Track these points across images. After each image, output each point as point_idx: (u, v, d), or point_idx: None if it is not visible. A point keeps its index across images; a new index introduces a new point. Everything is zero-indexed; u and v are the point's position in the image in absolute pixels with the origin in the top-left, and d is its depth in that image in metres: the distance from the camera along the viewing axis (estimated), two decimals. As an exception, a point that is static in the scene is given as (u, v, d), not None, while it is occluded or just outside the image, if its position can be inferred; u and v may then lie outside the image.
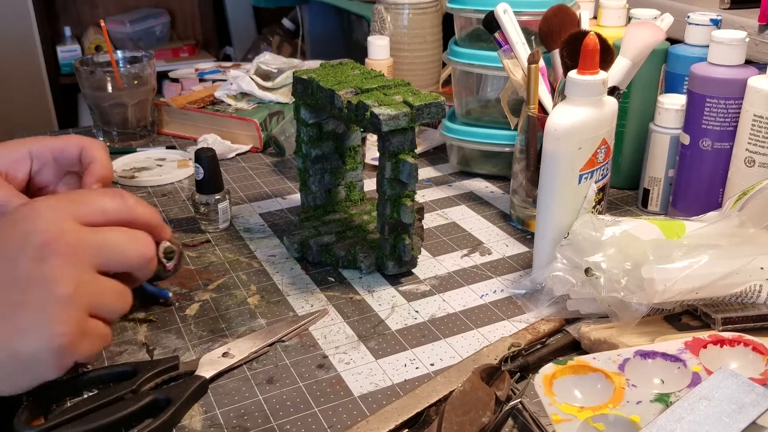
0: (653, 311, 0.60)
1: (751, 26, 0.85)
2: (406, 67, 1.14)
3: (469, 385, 0.52)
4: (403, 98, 0.67)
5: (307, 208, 0.81)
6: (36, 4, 2.32)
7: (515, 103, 0.88)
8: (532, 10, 0.84)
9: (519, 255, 0.76)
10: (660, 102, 0.79)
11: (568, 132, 0.63)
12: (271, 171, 0.99)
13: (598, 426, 0.47)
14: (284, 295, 0.69)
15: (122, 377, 0.56)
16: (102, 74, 1.06)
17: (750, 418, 0.45)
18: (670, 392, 0.50)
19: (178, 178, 0.96)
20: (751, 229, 0.60)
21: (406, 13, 1.12)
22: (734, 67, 0.72)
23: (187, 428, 0.53)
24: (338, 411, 0.55)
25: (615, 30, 0.87)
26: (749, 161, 0.71)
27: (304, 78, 0.74)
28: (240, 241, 0.80)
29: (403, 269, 0.72)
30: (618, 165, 0.87)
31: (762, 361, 0.52)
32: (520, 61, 0.79)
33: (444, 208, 0.87)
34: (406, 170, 0.66)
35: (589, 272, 0.58)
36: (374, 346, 0.62)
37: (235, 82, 1.12)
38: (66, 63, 2.46)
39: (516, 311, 0.66)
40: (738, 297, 0.58)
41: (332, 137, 0.78)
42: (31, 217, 0.50)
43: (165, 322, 0.65)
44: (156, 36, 2.67)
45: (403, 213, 0.68)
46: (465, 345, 0.62)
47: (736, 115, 0.72)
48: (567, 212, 0.66)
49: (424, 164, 1.00)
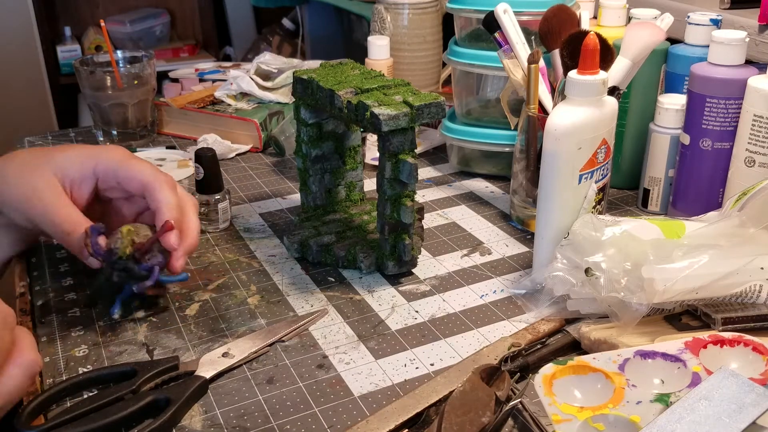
0: (653, 311, 0.60)
1: (751, 26, 0.85)
2: (406, 67, 1.14)
3: (469, 385, 0.52)
4: (403, 98, 0.67)
5: (307, 208, 0.81)
6: (36, 4, 2.32)
7: (515, 103, 0.88)
8: (532, 10, 0.84)
9: (519, 255, 0.76)
10: (660, 102, 0.79)
11: (568, 132, 0.63)
12: (271, 171, 0.99)
13: (598, 426, 0.47)
14: (284, 295, 0.69)
15: (122, 377, 0.56)
16: (102, 74, 1.06)
17: (750, 418, 0.45)
18: (670, 392, 0.50)
19: (178, 178, 0.96)
20: (751, 229, 0.60)
21: (406, 13, 1.12)
22: (734, 67, 0.72)
23: (187, 428, 0.53)
24: (338, 411, 0.55)
25: (615, 30, 0.87)
26: (749, 161, 0.71)
27: (304, 78, 0.74)
28: (240, 241, 0.80)
29: (403, 269, 0.72)
30: (618, 165, 0.87)
31: (762, 361, 0.52)
32: (520, 61, 0.79)
33: (444, 208, 0.87)
34: (406, 170, 0.66)
35: (589, 272, 0.58)
36: (374, 346, 0.62)
37: (235, 82, 1.12)
38: (66, 63, 2.46)
39: (516, 311, 0.66)
40: (738, 297, 0.58)
41: (332, 137, 0.78)
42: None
43: (165, 322, 0.65)
44: (156, 36, 2.67)
45: (403, 213, 0.68)
46: (465, 345, 0.62)
47: (736, 115, 0.72)
48: (567, 212, 0.66)
49: (424, 164, 1.00)
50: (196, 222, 0.66)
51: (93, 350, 0.62)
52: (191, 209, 0.66)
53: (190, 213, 0.66)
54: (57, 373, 0.59)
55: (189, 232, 0.65)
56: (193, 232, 0.65)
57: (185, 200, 0.66)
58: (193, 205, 0.67)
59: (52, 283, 0.72)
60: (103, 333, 0.64)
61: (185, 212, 0.65)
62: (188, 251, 0.64)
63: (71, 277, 0.73)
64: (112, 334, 0.64)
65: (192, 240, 0.65)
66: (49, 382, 0.58)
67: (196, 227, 0.66)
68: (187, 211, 0.66)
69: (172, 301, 0.68)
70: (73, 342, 0.63)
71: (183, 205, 0.65)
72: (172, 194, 0.64)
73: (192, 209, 0.66)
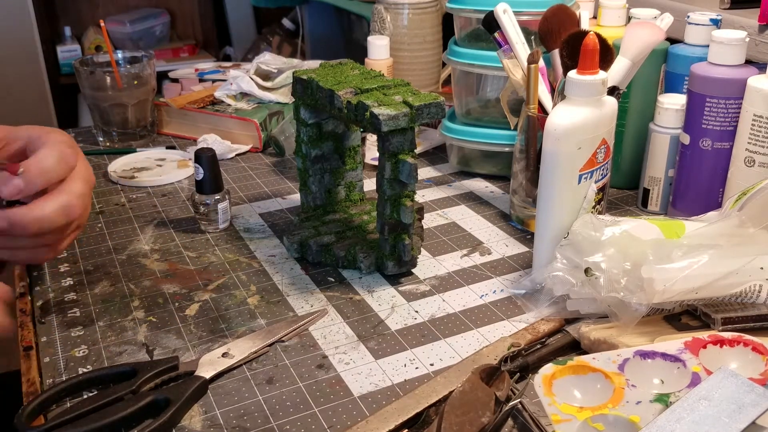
0: (653, 311, 0.60)
1: (751, 26, 0.85)
2: (405, 67, 1.14)
3: (468, 386, 0.52)
4: (402, 98, 0.67)
5: (307, 208, 0.81)
6: (36, 4, 2.32)
7: (515, 103, 0.88)
8: (531, 10, 0.84)
9: (519, 255, 0.76)
10: (660, 102, 0.79)
11: (568, 132, 0.63)
12: (270, 171, 0.99)
13: (598, 426, 0.47)
14: (284, 296, 0.69)
15: (122, 377, 0.56)
16: (102, 74, 1.06)
17: (750, 418, 0.45)
18: (669, 392, 0.50)
19: (178, 178, 0.96)
20: (751, 229, 0.60)
21: (406, 13, 1.12)
22: (734, 67, 0.72)
23: (187, 428, 0.53)
24: (338, 411, 0.55)
25: (615, 30, 0.87)
26: (749, 161, 0.71)
27: (304, 78, 0.74)
28: (240, 241, 0.80)
29: (403, 269, 0.72)
30: (618, 165, 0.87)
31: (762, 361, 0.52)
32: (520, 61, 0.79)
33: (444, 208, 0.87)
34: (406, 170, 0.66)
35: (589, 272, 0.58)
36: (374, 346, 0.62)
37: (235, 82, 1.12)
38: (66, 63, 2.47)
39: (516, 311, 0.66)
40: (738, 297, 0.58)
41: (332, 137, 0.78)
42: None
43: (165, 322, 0.65)
44: (156, 36, 2.67)
45: (402, 213, 0.68)
46: (465, 345, 0.62)
47: (736, 115, 0.72)
48: (567, 212, 0.66)
49: (424, 164, 1.00)
50: (53, 157, 0.60)
51: (93, 350, 0.62)
52: (76, 177, 0.62)
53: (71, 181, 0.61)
54: (57, 374, 0.59)
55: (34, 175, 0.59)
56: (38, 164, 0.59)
57: (78, 172, 0.62)
58: (81, 176, 0.62)
59: (52, 283, 0.72)
60: (103, 333, 0.64)
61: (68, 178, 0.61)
62: (12, 193, 0.58)
63: (71, 277, 0.73)
64: (112, 334, 0.64)
65: (29, 183, 0.58)
66: (49, 382, 0.58)
67: (44, 163, 0.59)
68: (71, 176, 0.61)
69: (172, 301, 0.69)
70: (73, 342, 0.63)
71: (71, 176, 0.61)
72: (54, 160, 0.60)
73: (78, 177, 0.62)
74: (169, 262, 0.75)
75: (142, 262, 0.76)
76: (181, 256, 0.77)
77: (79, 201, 0.62)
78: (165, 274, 0.73)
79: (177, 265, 0.75)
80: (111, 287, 0.71)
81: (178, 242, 0.79)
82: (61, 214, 0.61)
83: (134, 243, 0.79)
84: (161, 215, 0.86)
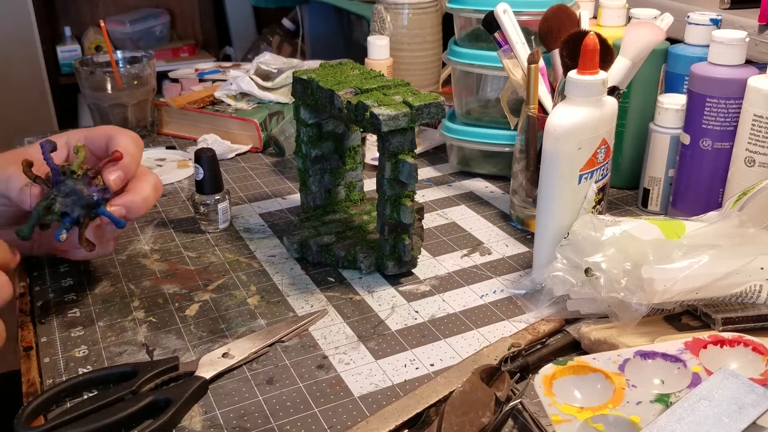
0: (653, 311, 0.60)
1: (751, 26, 0.85)
2: (405, 67, 1.14)
3: (469, 386, 0.52)
4: (402, 98, 0.67)
5: (307, 208, 0.81)
6: (36, 4, 2.32)
7: (515, 103, 0.88)
8: (532, 10, 0.84)
9: (519, 255, 0.76)
10: (660, 102, 0.79)
11: (568, 132, 0.63)
12: (270, 171, 0.99)
13: (598, 426, 0.47)
14: (284, 296, 0.69)
15: (122, 378, 0.56)
16: (102, 74, 1.06)
17: (750, 419, 0.45)
18: (670, 392, 0.50)
19: (178, 178, 0.96)
20: (751, 229, 0.60)
21: (406, 13, 1.12)
22: (734, 67, 0.72)
23: (187, 429, 0.53)
24: (338, 411, 0.55)
25: (615, 30, 0.87)
26: (749, 161, 0.71)
27: (304, 78, 0.74)
28: (240, 242, 0.80)
29: (403, 269, 0.72)
30: (618, 165, 0.87)
31: (762, 362, 0.52)
32: (520, 61, 0.79)
33: (444, 208, 0.87)
34: (406, 170, 0.66)
35: (589, 272, 0.58)
36: (374, 346, 0.62)
37: (234, 82, 1.12)
38: (66, 63, 2.46)
39: (516, 311, 0.66)
40: (738, 297, 0.58)
41: (332, 137, 0.78)
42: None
43: (165, 323, 0.65)
44: (156, 36, 2.67)
45: (402, 213, 0.68)
46: (465, 345, 0.62)
47: (736, 115, 0.72)
48: (567, 212, 0.66)
49: (424, 164, 1.00)
50: (148, 191, 0.66)
51: (93, 351, 0.62)
52: (149, 177, 0.67)
53: (144, 178, 0.67)
54: (57, 374, 0.59)
55: (137, 190, 0.65)
56: (140, 193, 0.65)
57: (145, 170, 0.68)
58: (153, 182, 0.67)
59: (52, 283, 0.72)
60: (103, 333, 0.64)
61: (140, 175, 0.67)
62: (128, 205, 0.64)
63: (71, 278, 0.73)
64: (112, 334, 0.64)
65: (136, 198, 0.64)
66: (49, 382, 0.58)
67: (145, 193, 0.65)
68: (143, 175, 0.67)
69: (172, 302, 0.69)
70: (73, 342, 0.63)
71: (142, 172, 0.67)
72: (133, 144, 0.66)
73: (149, 179, 0.67)
74: (169, 263, 0.75)
75: (142, 262, 0.76)
76: (181, 257, 0.77)
77: (158, 181, 0.69)
78: (165, 274, 0.73)
79: (177, 266, 0.75)
80: (111, 287, 0.71)
81: (178, 242, 0.79)
82: (156, 192, 0.67)
83: (134, 243, 0.79)
84: (161, 215, 0.86)
